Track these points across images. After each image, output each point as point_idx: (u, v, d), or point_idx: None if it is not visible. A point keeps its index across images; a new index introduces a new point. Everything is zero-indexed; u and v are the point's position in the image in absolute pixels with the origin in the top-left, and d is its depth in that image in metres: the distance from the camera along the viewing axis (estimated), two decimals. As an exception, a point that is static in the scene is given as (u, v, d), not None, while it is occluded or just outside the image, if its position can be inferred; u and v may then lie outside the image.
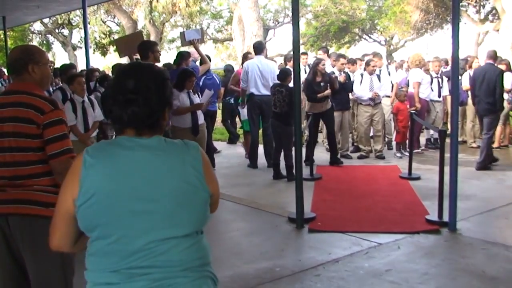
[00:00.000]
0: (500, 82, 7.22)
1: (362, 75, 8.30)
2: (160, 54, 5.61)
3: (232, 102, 9.46)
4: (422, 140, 9.14)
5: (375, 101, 8.24)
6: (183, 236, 1.54)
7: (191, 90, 6.06)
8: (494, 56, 7.68)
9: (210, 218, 1.66)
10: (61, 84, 6.84)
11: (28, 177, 2.44)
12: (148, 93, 1.56)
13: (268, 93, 7.31)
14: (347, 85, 8.12)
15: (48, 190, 2.44)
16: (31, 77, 2.50)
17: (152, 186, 1.51)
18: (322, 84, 7.59)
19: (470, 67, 9.17)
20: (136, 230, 1.49)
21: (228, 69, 10.34)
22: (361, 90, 8.23)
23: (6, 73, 11.14)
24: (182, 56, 7.21)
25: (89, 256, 1.55)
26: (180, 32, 7.98)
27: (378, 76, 8.41)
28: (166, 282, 1.49)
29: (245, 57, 8.32)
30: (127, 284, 1.48)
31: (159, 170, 1.53)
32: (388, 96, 8.83)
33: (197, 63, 7.86)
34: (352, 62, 9.11)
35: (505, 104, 8.60)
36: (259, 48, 7.88)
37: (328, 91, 7.59)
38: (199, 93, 6.34)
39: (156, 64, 5.57)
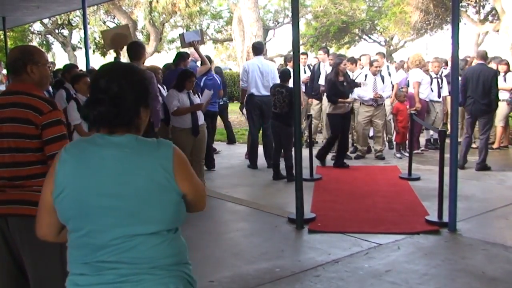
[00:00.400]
0: (495, 82, 7.24)
1: (366, 75, 8.30)
2: None
3: (222, 103, 9.42)
4: (422, 140, 9.14)
5: (377, 102, 8.23)
6: (150, 233, 1.56)
7: (191, 91, 6.06)
8: (485, 56, 7.75)
9: (184, 218, 1.67)
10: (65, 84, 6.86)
11: (27, 177, 2.44)
12: (117, 93, 1.59)
13: (268, 93, 7.31)
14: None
15: None
16: (29, 78, 2.49)
17: (117, 183, 1.54)
18: (345, 84, 7.55)
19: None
20: (103, 225, 1.54)
21: (217, 71, 10.33)
22: (363, 90, 8.22)
23: (6, 74, 11.12)
24: (181, 57, 7.21)
25: (68, 248, 1.62)
26: (180, 34, 7.94)
27: (382, 77, 8.38)
28: (133, 278, 1.53)
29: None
30: (96, 276, 1.54)
31: (125, 168, 1.56)
32: (389, 97, 8.83)
33: (198, 63, 7.87)
34: (353, 61, 9.08)
35: (505, 105, 8.61)
36: (259, 49, 7.88)
37: (351, 99, 7.58)
38: (200, 94, 6.34)
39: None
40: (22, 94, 2.46)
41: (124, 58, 7.20)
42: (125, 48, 5.84)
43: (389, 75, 9.16)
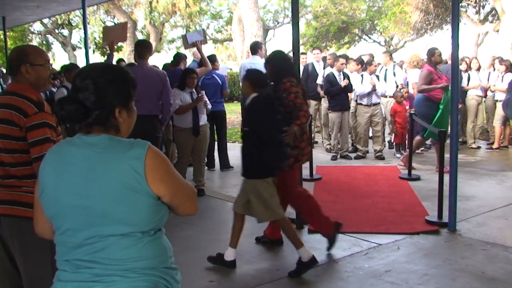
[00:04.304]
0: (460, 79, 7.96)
1: (362, 75, 8.30)
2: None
3: None
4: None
5: (372, 101, 8.22)
6: (121, 235, 1.54)
7: (194, 90, 6.08)
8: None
9: (162, 220, 1.62)
10: (65, 82, 6.89)
11: (16, 178, 2.43)
12: (86, 92, 1.59)
13: None
14: (347, 86, 8.12)
15: None
16: (24, 78, 2.47)
17: (87, 182, 1.54)
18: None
19: (470, 67, 9.19)
20: (78, 224, 1.56)
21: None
22: (362, 88, 8.21)
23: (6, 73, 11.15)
24: (179, 57, 7.20)
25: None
26: (182, 35, 7.89)
27: (378, 77, 8.43)
28: (106, 278, 1.53)
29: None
30: (74, 274, 1.56)
31: (94, 167, 1.55)
32: (392, 97, 8.83)
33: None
34: (359, 61, 9.00)
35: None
36: (253, 48, 7.92)
37: None
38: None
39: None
40: (13, 95, 2.43)
41: (124, 54, 7.23)
42: (124, 44, 5.90)
43: (394, 74, 9.16)
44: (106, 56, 6.48)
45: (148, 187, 1.54)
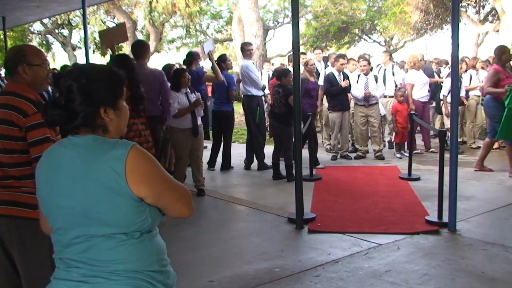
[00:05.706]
0: None
1: (358, 75, 8.31)
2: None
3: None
4: (418, 141, 9.12)
5: (369, 102, 8.22)
6: (104, 235, 1.54)
7: (189, 91, 6.07)
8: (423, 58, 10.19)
9: (148, 222, 1.59)
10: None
11: (15, 178, 2.43)
12: (70, 94, 1.58)
13: (248, 93, 7.58)
14: (347, 87, 8.12)
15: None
16: (22, 78, 2.46)
17: (70, 183, 1.55)
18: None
19: (474, 67, 9.21)
20: (65, 223, 1.58)
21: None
22: (356, 90, 8.22)
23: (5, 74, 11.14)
24: (192, 56, 7.15)
25: None
26: (201, 45, 7.84)
27: (375, 77, 8.40)
28: (91, 279, 1.54)
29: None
30: (66, 272, 1.58)
31: (77, 168, 1.55)
32: (392, 97, 8.82)
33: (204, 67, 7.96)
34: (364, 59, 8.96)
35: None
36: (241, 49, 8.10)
37: None
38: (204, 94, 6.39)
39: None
40: (11, 95, 2.43)
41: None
42: (125, 45, 5.87)
43: (393, 74, 9.14)
44: (109, 58, 6.45)
45: (129, 188, 1.52)
